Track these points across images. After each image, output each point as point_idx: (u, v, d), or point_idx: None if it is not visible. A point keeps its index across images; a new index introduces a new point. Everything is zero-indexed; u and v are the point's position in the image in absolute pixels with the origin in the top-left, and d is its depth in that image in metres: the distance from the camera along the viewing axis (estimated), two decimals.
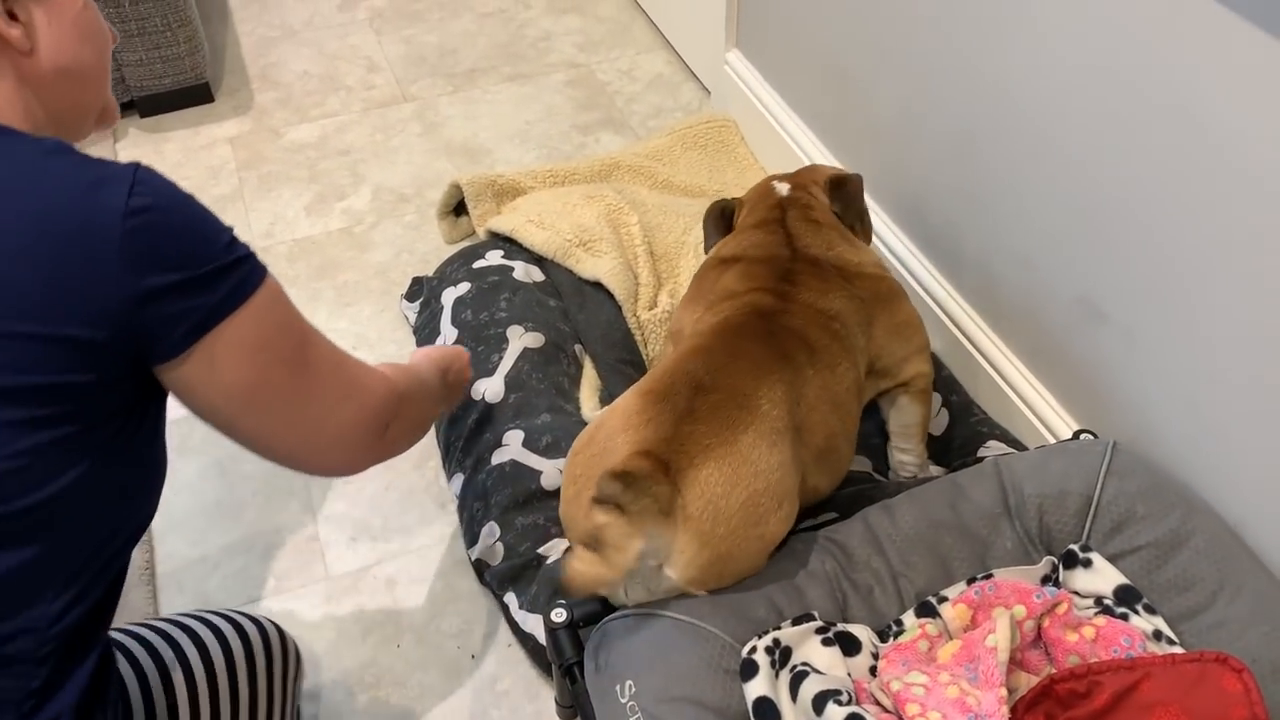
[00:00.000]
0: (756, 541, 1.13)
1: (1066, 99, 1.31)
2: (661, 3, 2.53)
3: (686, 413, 1.13)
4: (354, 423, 0.96)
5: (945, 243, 1.67)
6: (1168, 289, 1.25)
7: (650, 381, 1.20)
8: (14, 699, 0.78)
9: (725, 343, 1.24)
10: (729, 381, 1.18)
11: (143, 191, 0.77)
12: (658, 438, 1.11)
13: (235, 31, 2.59)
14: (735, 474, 1.10)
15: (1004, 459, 1.28)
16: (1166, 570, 1.15)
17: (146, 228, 0.76)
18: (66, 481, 0.77)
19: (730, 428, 1.13)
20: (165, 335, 0.79)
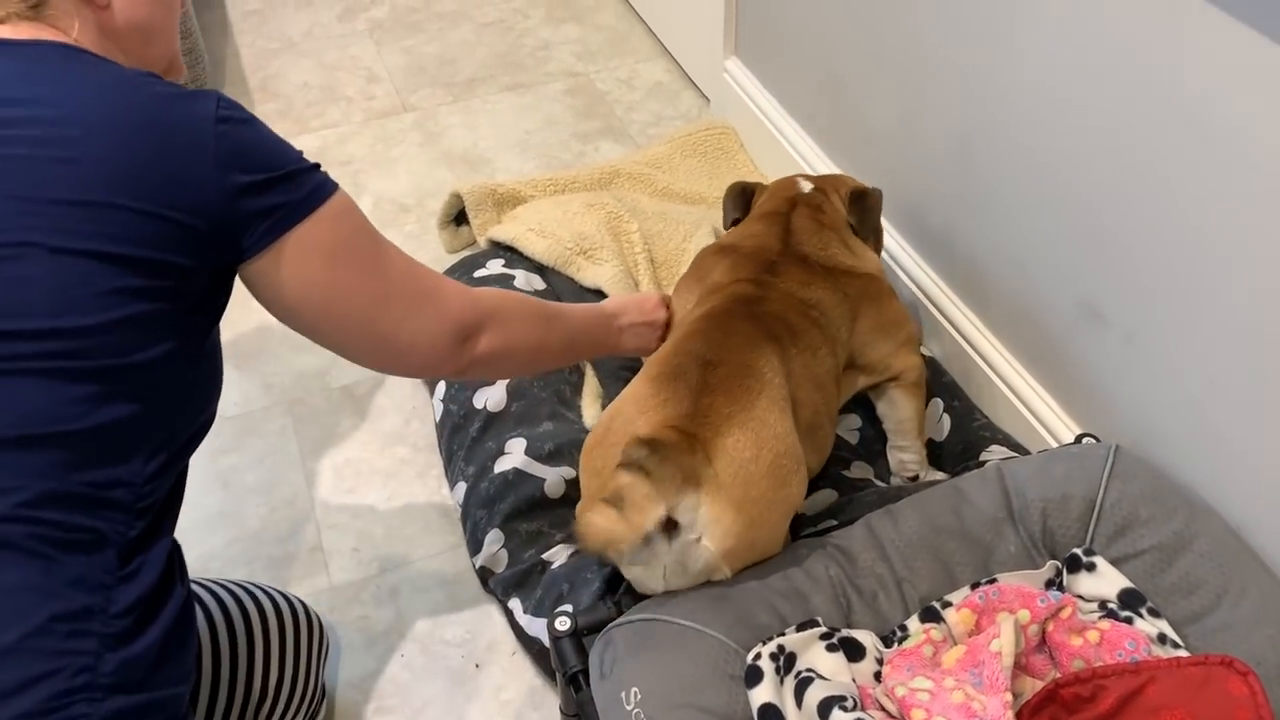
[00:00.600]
0: (784, 504, 1.18)
1: (1064, 102, 1.31)
2: (660, 11, 2.54)
3: (701, 386, 1.16)
4: (429, 330, 1.02)
5: (944, 247, 1.67)
6: (1167, 291, 1.25)
7: (656, 366, 1.22)
8: (116, 542, 0.84)
9: (717, 324, 1.28)
10: (732, 355, 1.21)
11: (228, 105, 0.87)
12: (679, 414, 1.14)
13: (235, 43, 2.60)
14: (759, 438, 1.14)
15: (1006, 463, 1.28)
16: (1170, 573, 1.15)
17: (234, 134, 0.86)
18: (159, 353, 0.86)
19: (746, 395, 1.16)
20: (252, 229, 0.88)
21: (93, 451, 0.83)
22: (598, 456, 1.20)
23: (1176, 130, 1.16)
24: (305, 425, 1.73)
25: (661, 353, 1.27)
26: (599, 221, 1.86)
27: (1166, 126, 1.17)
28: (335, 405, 1.77)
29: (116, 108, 0.83)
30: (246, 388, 1.79)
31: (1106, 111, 1.25)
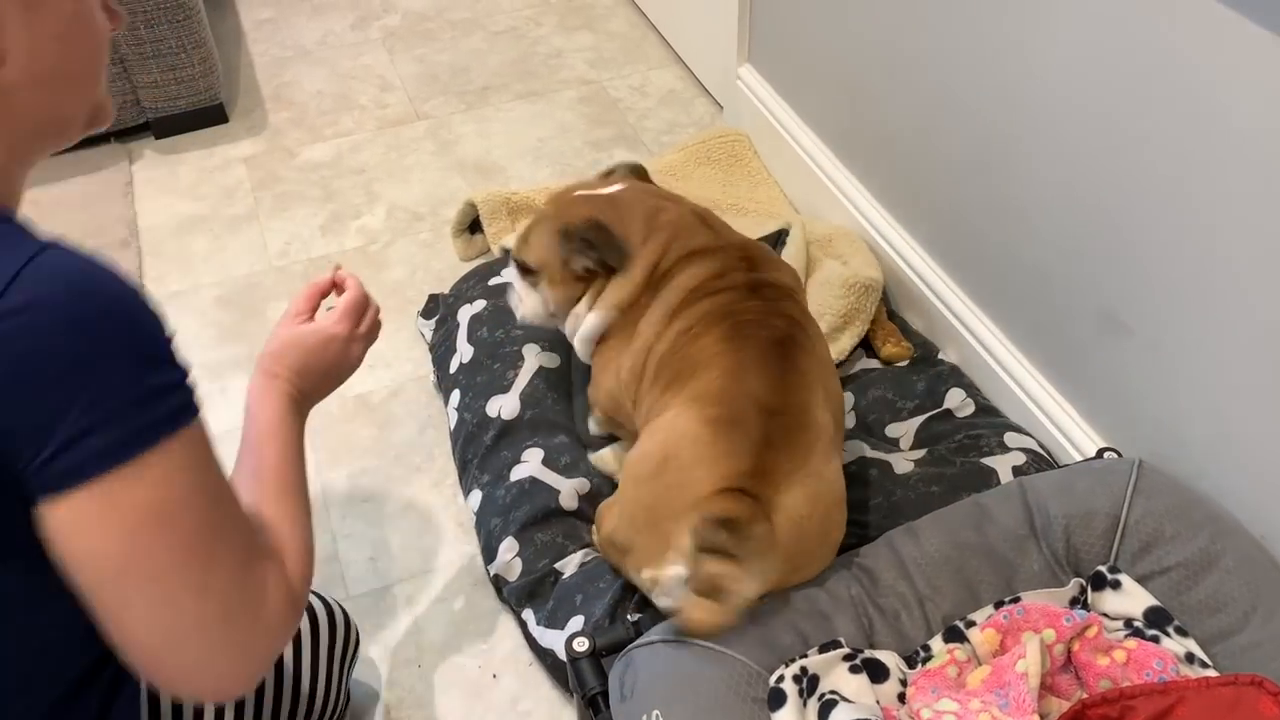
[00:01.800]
0: (829, 550, 1.21)
1: (1086, 109, 1.30)
2: (673, 19, 2.53)
3: (763, 440, 1.14)
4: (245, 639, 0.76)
5: (962, 254, 1.66)
6: (1190, 300, 1.24)
7: (712, 406, 1.18)
8: None
9: (761, 353, 1.23)
10: (790, 399, 1.20)
11: (15, 300, 0.62)
12: (740, 470, 1.12)
13: (249, 52, 2.60)
14: (815, 495, 1.15)
15: (1028, 479, 1.27)
16: (1197, 591, 1.13)
17: (12, 343, 0.62)
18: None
19: (803, 449, 1.16)
20: (27, 471, 0.64)
21: None
22: (648, 492, 1.19)
23: (1200, 138, 1.15)
24: (320, 434, 1.73)
25: (712, 386, 1.20)
26: None
27: (1190, 135, 1.16)
28: (350, 414, 1.76)
29: None
30: None
31: (1129, 119, 1.24)
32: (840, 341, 1.70)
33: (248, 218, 2.14)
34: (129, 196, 2.18)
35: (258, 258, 2.05)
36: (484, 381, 1.63)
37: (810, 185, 2.01)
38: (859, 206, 1.87)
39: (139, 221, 2.14)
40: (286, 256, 2.06)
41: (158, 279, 2.01)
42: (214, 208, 2.17)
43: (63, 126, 0.79)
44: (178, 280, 2.01)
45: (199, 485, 0.70)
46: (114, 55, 2.15)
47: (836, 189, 1.92)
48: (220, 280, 2.01)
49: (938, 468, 1.49)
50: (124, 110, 2.24)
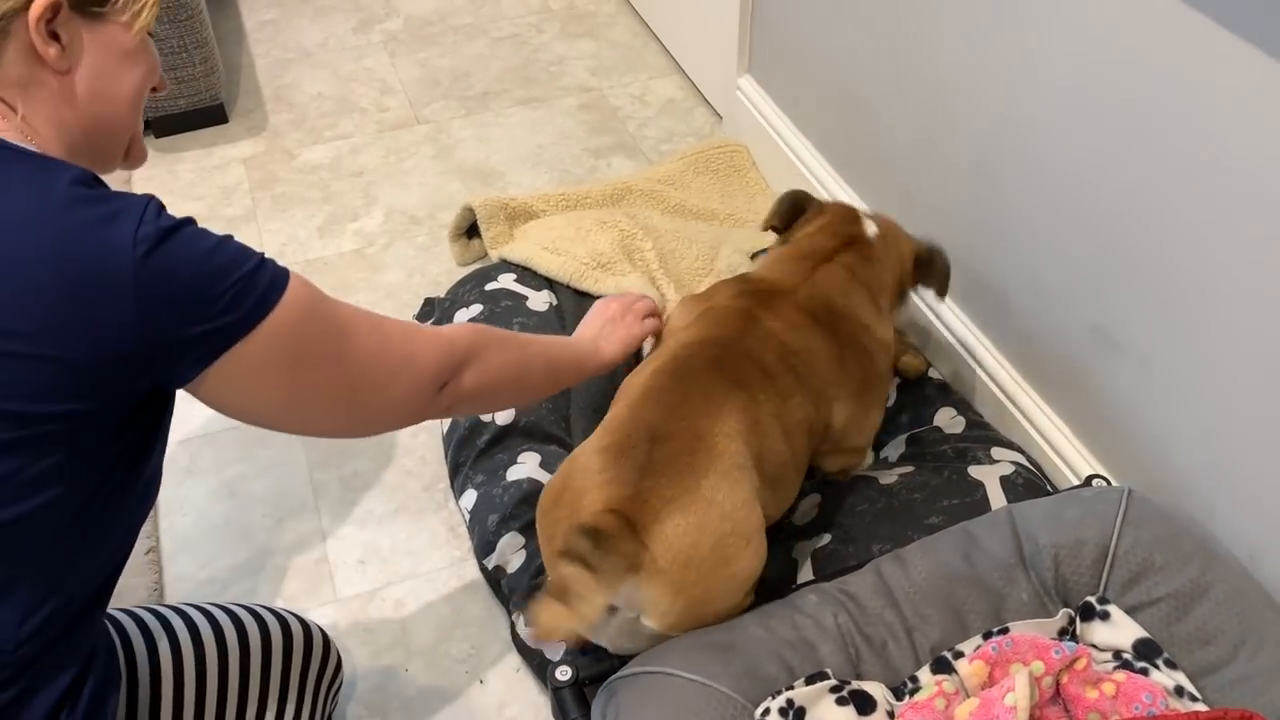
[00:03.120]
0: (729, 581, 1.15)
1: (1081, 127, 1.31)
2: (674, 28, 2.54)
3: (646, 466, 1.13)
4: (405, 393, 0.97)
5: (957, 268, 1.66)
6: (1183, 318, 1.24)
7: (608, 435, 1.19)
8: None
9: (676, 380, 1.23)
10: (683, 425, 1.17)
11: (151, 220, 0.77)
12: (622, 495, 1.11)
13: (250, 53, 2.60)
14: (701, 521, 1.11)
15: (1017, 506, 1.27)
16: (1186, 623, 1.12)
17: (156, 263, 0.76)
18: (37, 504, 0.77)
19: (690, 474, 1.13)
20: (187, 358, 0.80)
21: None
22: (548, 523, 1.19)
23: (1194, 157, 1.16)
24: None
25: (616, 416, 1.22)
26: (612, 240, 1.86)
27: (1184, 153, 1.17)
28: None
29: (26, 249, 0.74)
30: None
31: (1123, 137, 1.25)
32: None
33: (245, 218, 2.14)
34: None
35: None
36: None
37: None
38: None
39: None
40: (283, 258, 2.06)
41: None
42: (212, 207, 2.17)
43: (113, 144, 0.91)
44: None
45: (319, 316, 0.88)
46: None
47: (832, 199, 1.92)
48: None
49: (923, 477, 1.49)
50: None
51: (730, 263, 1.83)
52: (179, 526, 1.61)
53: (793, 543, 1.44)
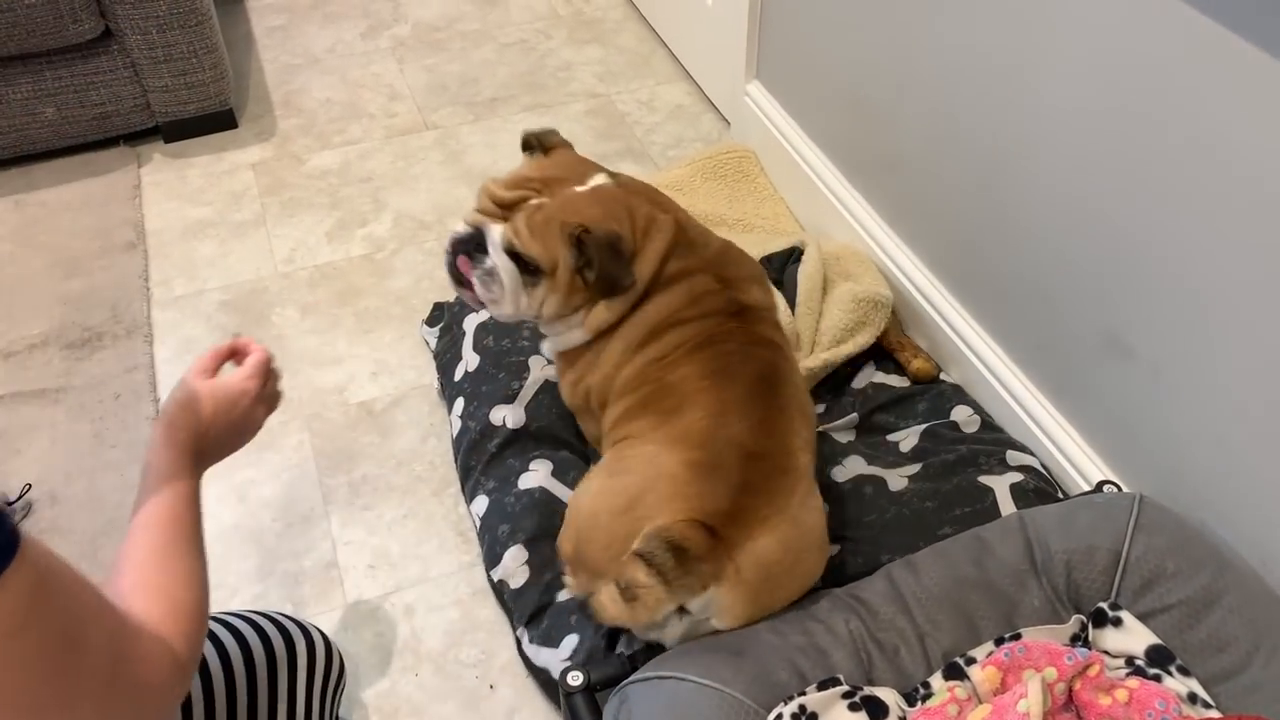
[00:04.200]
0: (804, 581, 1.22)
1: (1092, 132, 1.31)
2: (681, 34, 2.55)
3: (741, 485, 1.15)
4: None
5: (967, 274, 1.66)
6: (1195, 324, 1.24)
7: (694, 449, 1.18)
8: None
9: (744, 389, 1.23)
10: (773, 442, 1.20)
11: None
12: (713, 510, 1.13)
13: (259, 59, 2.61)
14: (788, 540, 1.16)
15: (1029, 512, 1.27)
16: (1199, 630, 1.12)
17: None
18: None
19: (783, 494, 1.17)
20: None
21: None
22: (620, 525, 1.18)
23: (1206, 162, 1.16)
24: (323, 440, 1.73)
25: (695, 427, 1.19)
26: None
27: (1198, 159, 1.17)
28: (353, 421, 1.76)
29: None
30: None
31: (1134, 143, 1.25)
32: (843, 348, 1.70)
33: (254, 223, 2.15)
34: (137, 200, 2.19)
35: (264, 263, 2.06)
36: (489, 390, 1.64)
37: (816, 202, 2.02)
38: (864, 224, 1.88)
39: (146, 225, 2.14)
40: (292, 263, 2.06)
41: (163, 282, 2.02)
42: (221, 212, 2.17)
43: None
44: (183, 284, 2.02)
45: (42, 606, 0.67)
46: (125, 59, 2.17)
47: (842, 206, 1.93)
48: (226, 285, 2.01)
49: (933, 483, 1.49)
50: (134, 114, 2.25)
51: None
52: None
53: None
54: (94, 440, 1.71)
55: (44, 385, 1.80)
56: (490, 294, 1.31)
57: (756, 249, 1.90)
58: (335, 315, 1.95)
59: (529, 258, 1.27)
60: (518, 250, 1.27)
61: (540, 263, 1.27)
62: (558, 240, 1.26)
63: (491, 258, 1.28)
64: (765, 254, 1.87)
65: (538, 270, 1.28)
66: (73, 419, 1.75)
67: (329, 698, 1.20)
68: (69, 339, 1.89)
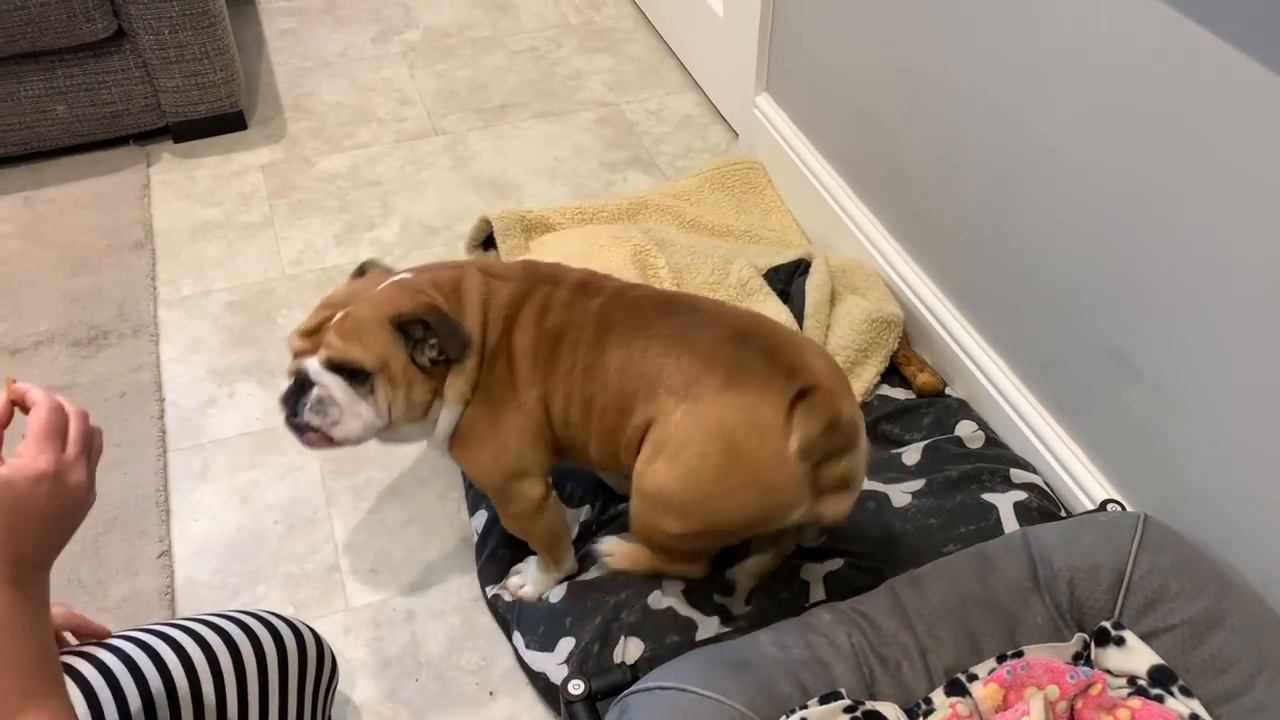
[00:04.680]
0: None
1: (1100, 149, 1.31)
2: (691, 45, 2.55)
3: (760, 355, 1.23)
4: None
5: (973, 289, 1.67)
6: (1199, 343, 1.24)
7: (718, 373, 1.21)
8: None
9: (677, 319, 1.29)
10: (727, 320, 1.30)
11: None
12: (785, 388, 1.20)
13: (270, 61, 2.62)
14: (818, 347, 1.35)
15: (1033, 530, 1.27)
16: (1202, 650, 1.12)
17: None
18: None
19: (802, 345, 1.30)
20: None
21: None
22: (743, 472, 1.20)
23: (1213, 182, 1.16)
24: None
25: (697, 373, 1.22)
26: (625, 255, 1.86)
27: (1206, 177, 1.17)
28: None
29: None
30: (270, 403, 1.79)
31: (1144, 160, 1.25)
32: (863, 376, 1.71)
33: (263, 225, 2.15)
34: (145, 199, 2.20)
35: (271, 265, 2.06)
36: None
37: (823, 215, 2.02)
38: (871, 238, 1.88)
39: (154, 224, 2.15)
40: (300, 265, 2.06)
41: (170, 282, 2.02)
42: (229, 213, 2.18)
43: None
44: (190, 284, 2.02)
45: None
46: (137, 58, 2.17)
47: (849, 220, 1.93)
48: (233, 286, 2.02)
49: (937, 499, 1.49)
50: (144, 114, 2.25)
51: (741, 277, 1.83)
52: (191, 531, 1.61)
53: (801, 563, 1.44)
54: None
55: (50, 382, 1.80)
56: (329, 418, 1.24)
57: (763, 260, 1.91)
58: None
59: (352, 363, 1.23)
60: (337, 361, 1.23)
61: (364, 364, 1.23)
62: (376, 337, 1.24)
63: (315, 386, 1.24)
64: (773, 265, 1.87)
65: (365, 374, 1.24)
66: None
67: (321, 696, 1.19)
68: (75, 336, 1.89)
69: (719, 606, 1.39)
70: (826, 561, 1.44)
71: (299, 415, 1.24)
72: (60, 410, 0.85)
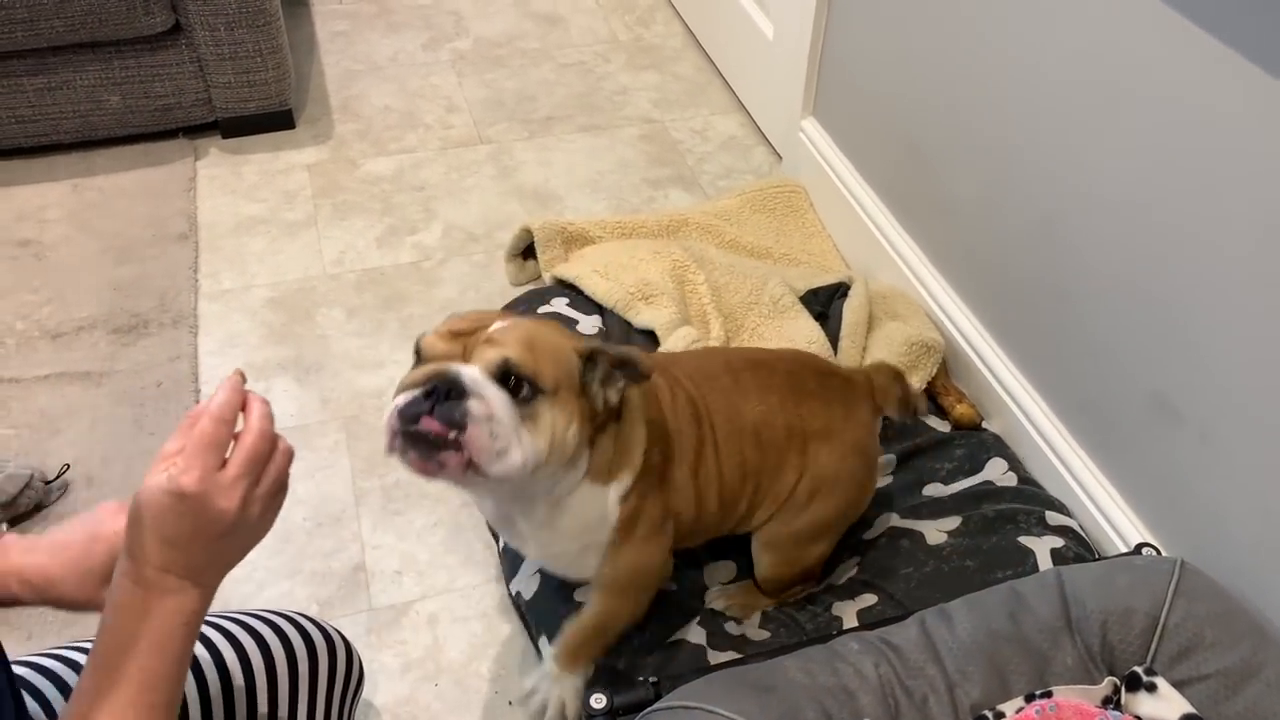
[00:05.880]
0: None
1: (1150, 189, 1.30)
2: (739, 66, 2.56)
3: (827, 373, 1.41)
4: None
5: (1014, 324, 1.65)
6: (1245, 392, 1.23)
7: (835, 404, 1.36)
8: None
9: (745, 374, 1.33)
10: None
11: None
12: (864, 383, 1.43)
13: (321, 62, 2.65)
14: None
15: (1067, 570, 1.25)
16: (1235, 703, 1.09)
17: None
18: None
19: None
20: None
21: None
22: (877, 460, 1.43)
23: (1263, 226, 1.15)
24: (359, 443, 1.74)
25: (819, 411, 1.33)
26: (664, 269, 1.87)
27: (1253, 222, 1.16)
28: None
29: None
30: (304, 400, 1.80)
31: (1192, 203, 1.24)
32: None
33: (306, 223, 2.17)
34: (191, 192, 2.22)
35: (312, 263, 2.08)
36: None
37: (865, 242, 2.01)
38: (912, 267, 1.87)
39: (199, 217, 2.17)
40: (341, 265, 2.08)
41: (212, 275, 2.04)
42: (274, 210, 2.20)
43: None
44: (231, 278, 2.04)
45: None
46: (192, 53, 2.20)
47: (891, 248, 1.92)
48: (273, 282, 2.03)
49: (972, 539, 1.47)
50: (195, 108, 2.28)
51: (774, 294, 1.82)
52: None
53: (831, 600, 1.43)
54: (134, 426, 1.73)
55: (89, 368, 1.82)
56: (496, 442, 1.00)
57: (803, 283, 1.91)
58: (380, 320, 1.96)
59: (530, 375, 1.02)
60: (514, 369, 1.02)
61: (542, 380, 1.03)
62: (560, 355, 1.07)
63: (472, 399, 0.99)
64: (811, 288, 1.87)
65: (535, 394, 1.03)
66: (114, 403, 1.77)
67: (347, 702, 1.19)
68: (116, 324, 1.91)
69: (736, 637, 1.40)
70: (858, 597, 1.42)
71: (446, 426, 0.99)
72: (269, 441, 0.80)
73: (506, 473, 1.02)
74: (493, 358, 1.02)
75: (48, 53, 2.11)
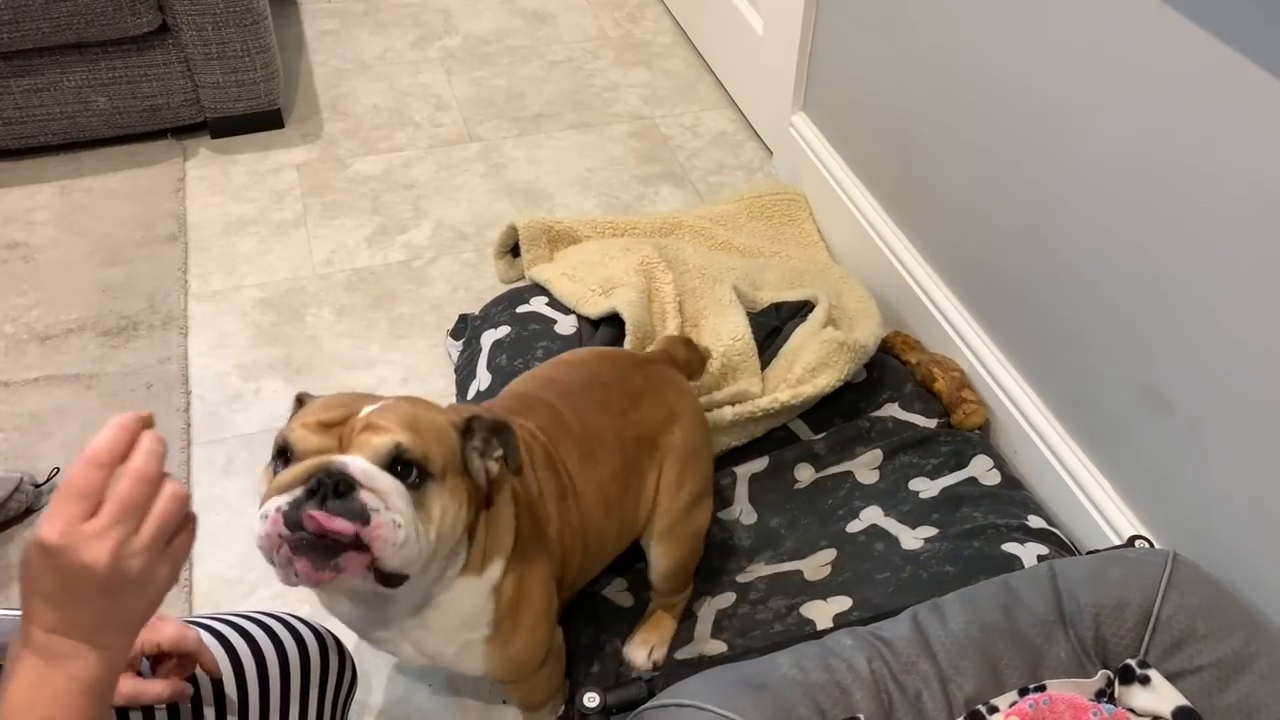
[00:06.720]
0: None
1: (1141, 181, 1.30)
2: (729, 62, 2.56)
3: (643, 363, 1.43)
4: None
5: (1005, 319, 1.65)
6: (1235, 382, 1.23)
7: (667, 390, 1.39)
8: None
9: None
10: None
11: None
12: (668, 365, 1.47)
13: (309, 61, 2.64)
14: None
15: (1059, 563, 1.25)
16: (1228, 694, 1.10)
17: None
18: None
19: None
20: None
21: None
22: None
23: (1253, 218, 1.15)
24: None
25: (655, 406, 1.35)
26: (630, 266, 1.81)
27: (1244, 214, 1.16)
28: None
29: None
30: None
31: (1185, 194, 1.24)
32: (804, 389, 1.65)
33: (295, 223, 2.16)
34: (180, 192, 2.21)
35: (302, 263, 2.07)
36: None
37: (855, 235, 2.01)
38: (902, 260, 1.87)
39: (188, 218, 2.16)
40: (330, 264, 2.07)
41: (201, 276, 2.03)
42: (263, 210, 2.19)
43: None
44: (221, 279, 2.03)
45: None
46: (179, 53, 2.19)
47: (881, 242, 1.92)
48: (263, 282, 2.03)
49: (952, 545, 1.46)
50: (183, 108, 2.27)
51: (718, 296, 1.78)
52: (211, 525, 1.61)
53: (803, 599, 1.43)
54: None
55: (78, 370, 1.82)
56: (398, 534, 0.90)
57: (771, 292, 1.85)
58: (370, 319, 1.96)
59: (421, 460, 0.94)
60: (405, 454, 0.93)
61: (432, 464, 0.95)
62: (440, 433, 0.98)
63: (363, 491, 0.89)
64: (776, 301, 1.83)
65: (424, 477, 0.94)
66: (104, 405, 1.76)
67: (340, 703, 1.19)
68: (105, 326, 1.90)
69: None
70: (833, 599, 1.42)
71: (352, 522, 0.87)
72: (152, 482, 0.70)
73: (407, 568, 0.93)
74: (380, 444, 0.92)
75: (34, 54, 2.10)
